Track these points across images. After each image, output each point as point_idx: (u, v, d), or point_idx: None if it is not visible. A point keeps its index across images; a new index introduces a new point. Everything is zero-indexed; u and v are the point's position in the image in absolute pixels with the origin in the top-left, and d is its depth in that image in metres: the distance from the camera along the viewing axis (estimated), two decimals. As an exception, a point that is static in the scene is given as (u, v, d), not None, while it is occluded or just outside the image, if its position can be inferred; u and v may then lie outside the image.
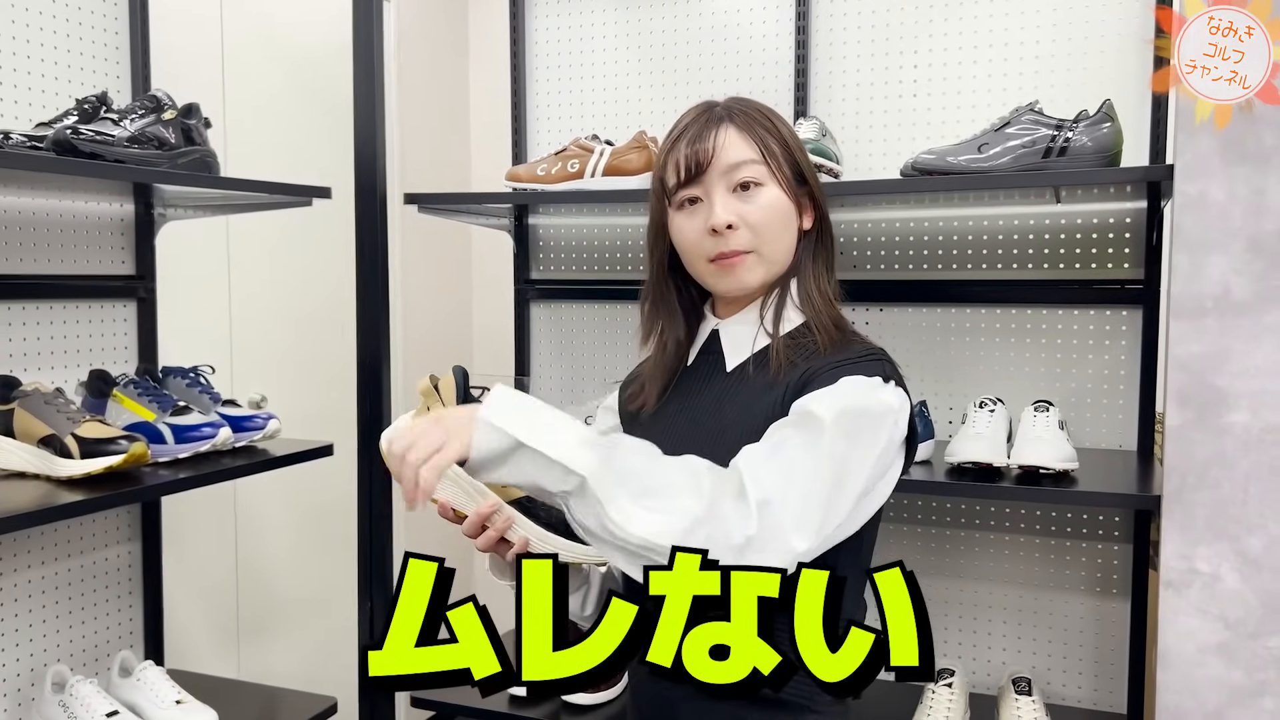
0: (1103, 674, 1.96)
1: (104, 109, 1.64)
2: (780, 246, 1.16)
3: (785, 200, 1.15)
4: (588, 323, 2.35)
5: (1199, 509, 1.44)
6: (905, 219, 2.06)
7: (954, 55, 2.01)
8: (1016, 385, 1.97)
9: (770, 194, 1.14)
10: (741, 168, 1.13)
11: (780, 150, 1.15)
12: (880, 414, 1.06)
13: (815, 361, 1.11)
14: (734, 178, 1.13)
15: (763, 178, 1.14)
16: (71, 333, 1.85)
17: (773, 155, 1.14)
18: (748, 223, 1.13)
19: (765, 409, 1.10)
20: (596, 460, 0.97)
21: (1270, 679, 1.42)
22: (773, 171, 1.14)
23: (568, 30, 2.32)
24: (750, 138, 1.14)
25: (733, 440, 1.08)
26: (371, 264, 1.81)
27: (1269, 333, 1.39)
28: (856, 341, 1.15)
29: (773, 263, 1.15)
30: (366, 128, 1.78)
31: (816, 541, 1.00)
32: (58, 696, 1.70)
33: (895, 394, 1.09)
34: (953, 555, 2.05)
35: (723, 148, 1.14)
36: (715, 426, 1.15)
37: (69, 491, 1.48)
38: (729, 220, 1.12)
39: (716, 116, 1.16)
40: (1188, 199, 1.42)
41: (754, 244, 1.14)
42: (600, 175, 1.92)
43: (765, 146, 1.14)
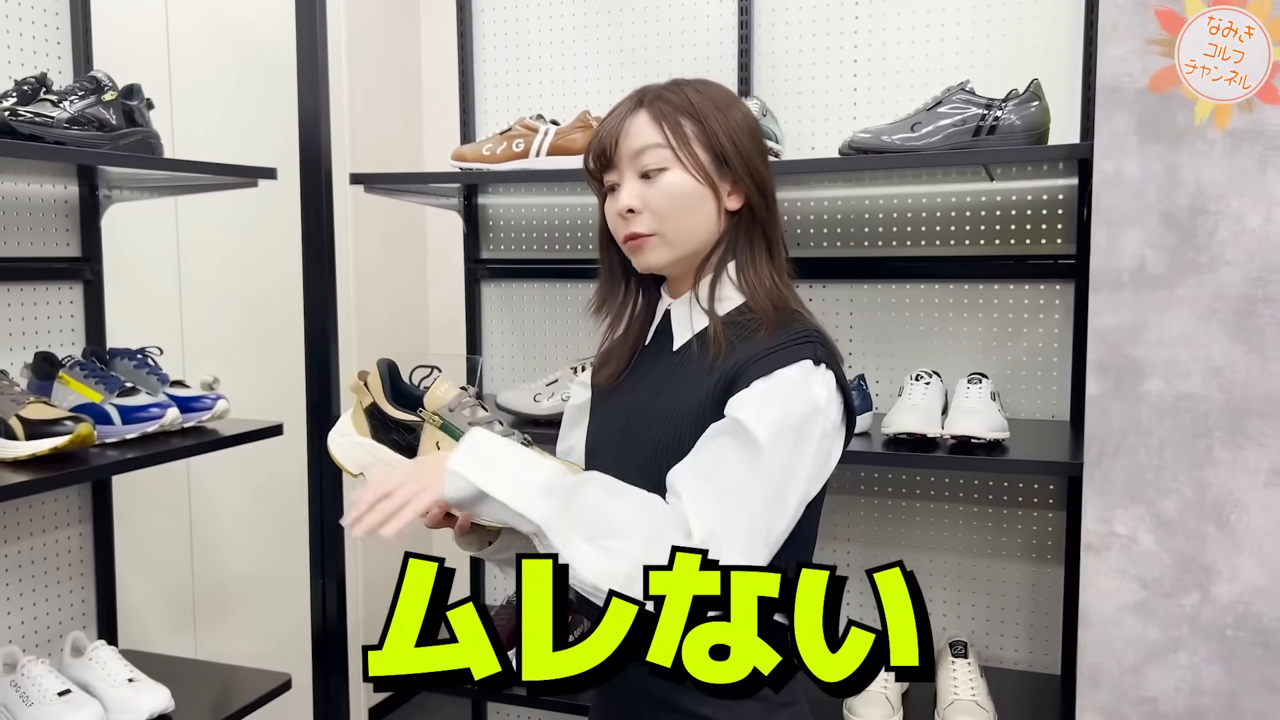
0: (1037, 636, 2.03)
1: (43, 90, 1.64)
2: (686, 229, 1.17)
3: (691, 183, 1.16)
4: (538, 301, 2.37)
5: (1117, 474, 1.49)
6: (845, 196, 2.10)
7: (892, 35, 2.05)
8: (953, 358, 2.03)
9: (672, 178, 1.15)
10: (645, 153, 1.15)
11: (696, 134, 1.16)
12: (811, 413, 1.09)
13: (749, 347, 1.13)
14: (639, 163, 1.16)
15: (666, 162, 1.15)
16: (16, 315, 1.85)
17: (682, 140, 1.15)
18: (649, 207, 1.16)
19: (701, 395, 1.13)
20: (553, 509, 1.04)
21: (1184, 635, 1.48)
22: (678, 156, 1.15)
23: (514, 10, 2.34)
24: (660, 123, 1.16)
25: (670, 422, 1.14)
26: (318, 244, 1.82)
27: (1181, 304, 1.44)
28: (795, 322, 1.16)
29: (678, 244, 1.17)
30: (310, 105, 1.79)
31: (764, 558, 1.06)
32: (9, 677, 1.71)
33: (824, 380, 1.11)
34: (892, 524, 2.10)
35: (628, 134, 1.16)
36: (656, 406, 1.18)
37: (15, 473, 1.49)
38: (629, 204, 1.16)
39: (634, 103, 1.19)
40: (1105, 176, 1.47)
41: (656, 227, 1.16)
42: (545, 155, 1.94)
43: (675, 131, 1.15)
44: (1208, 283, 1.43)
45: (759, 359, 1.11)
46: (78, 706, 1.66)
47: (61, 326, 1.93)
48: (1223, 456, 1.44)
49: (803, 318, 1.17)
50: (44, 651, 1.89)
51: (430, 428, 1.18)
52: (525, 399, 2.03)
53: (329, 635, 1.86)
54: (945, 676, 1.85)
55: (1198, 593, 1.47)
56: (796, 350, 1.11)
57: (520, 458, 1.09)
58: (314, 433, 1.85)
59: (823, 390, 1.10)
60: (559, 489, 1.05)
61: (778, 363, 1.10)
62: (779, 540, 1.08)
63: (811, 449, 1.09)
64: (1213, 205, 1.42)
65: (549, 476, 1.07)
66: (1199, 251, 1.44)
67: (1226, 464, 1.44)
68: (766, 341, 1.13)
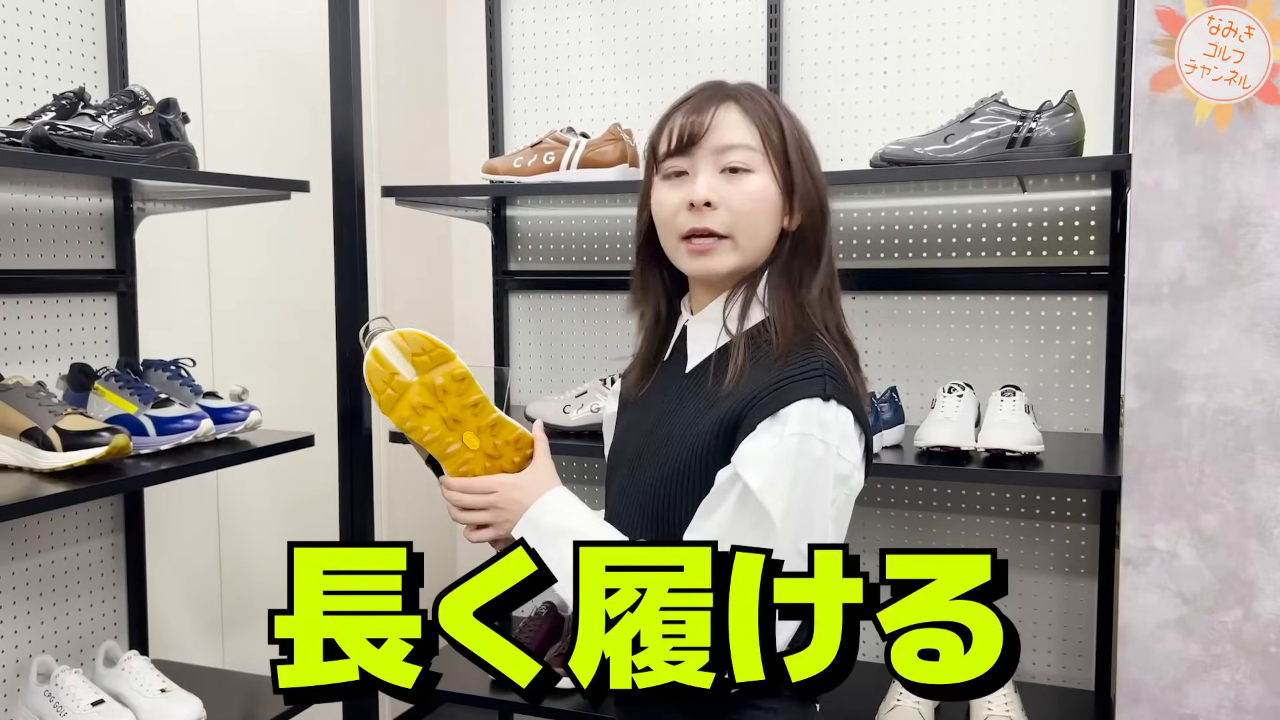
0: (1070, 652, 2.01)
1: (81, 105, 1.66)
2: (759, 238, 1.11)
3: (774, 191, 1.10)
4: (565, 313, 2.37)
5: (1157, 489, 1.48)
6: (876, 208, 2.09)
7: (923, 47, 2.05)
8: (985, 370, 2.01)
9: (759, 181, 1.10)
10: (735, 150, 1.09)
11: (780, 142, 1.11)
12: (820, 463, 1.03)
13: (756, 378, 1.08)
14: (725, 159, 1.10)
15: (755, 164, 1.10)
16: (52, 327, 1.86)
17: (771, 145, 1.10)
18: (729, 204, 1.09)
19: (706, 429, 1.09)
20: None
21: (1226, 652, 1.46)
22: (767, 160, 1.10)
23: (543, 23, 2.35)
24: (752, 122, 1.10)
25: (674, 452, 1.11)
26: (350, 256, 1.83)
27: (1222, 317, 1.43)
28: (811, 349, 1.09)
29: (746, 252, 1.11)
30: (344, 120, 1.80)
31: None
32: (43, 687, 1.72)
33: (836, 416, 1.05)
34: (924, 537, 2.09)
35: (720, 125, 1.10)
36: (663, 433, 1.15)
37: (51, 484, 1.50)
38: (709, 197, 1.08)
39: (723, 93, 1.13)
40: (1144, 187, 1.46)
41: (731, 228, 1.10)
42: (575, 167, 1.95)
43: (765, 134, 1.10)
44: (1249, 295, 1.42)
45: (765, 395, 1.05)
46: (111, 717, 1.66)
47: (96, 338, 1.94)
48: (1265, 470, 1.43)
49: (822, 345, 1.10)
50: (77, 661, 1.90)
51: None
52: (554, 410, 2.02)
53: (359, 647, 1.86)
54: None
55: (1240, 609, 1.45)
56: (805, 385, 1.05)
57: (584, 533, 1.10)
58: (344, 444, 1.85)
59: (834, 429, 1.04)
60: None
61: (784, 399, 1.04)
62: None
63: (828, 500, 1.04)
64: (1254, 217, 1.41)
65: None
66: (1240, 263, 1.42)
67: (1270, 478, 1.42)
68: (775, 373, 1.07)
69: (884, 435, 1.82)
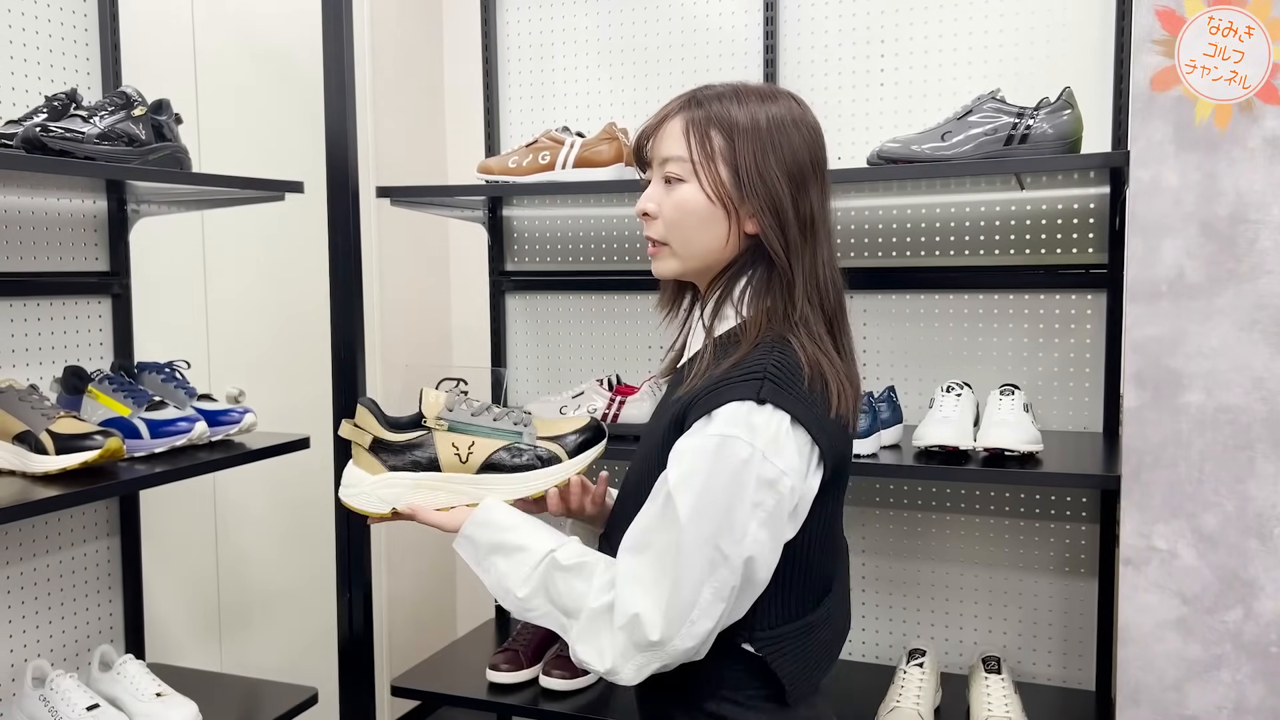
0: (1071, 652, 2.00)
1: (73, 106, 1.65)
2: (692, 244, 1.15)
3: (702, 201, 1.12)
4: (563, 313, 2.36)
5: (1156, 488, 1.47)
6: (874, 206, 2.08)
7: (920, 44, 2.04)
8: (983, 369, 2.01)
9: (686, 191, 1.13)
10: (670, 161, 1.15)
11: (723, 150, 1.11)
12: (742, 465, 1.03)
13: (706, 378, 1.10)
14: (664, 169, 1.16)
15: (685, 174, 1.13)
16: (46, 329, 1.86)
17: (706, 155, 1.11)
18: (662, 214, 1.16)
19: (662, 428, 1.14)
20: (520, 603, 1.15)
21: (1226, 652, 1.45)
22: (697, 171, 1.12)
23: (539, 22, 2.34)
24: (688, 135, 1.13)
25: (641, 454, 1.19)
26: (345, 257, 1.82)
27: (1221, 314, 1.42)
28: (757, 353, 1.09)
29: (686, 258, 1.16)
30: (337, 121, 1.79)
31: (691, 632, 1.05)
32: (38, 691, 1.71)
33: (769, 420, 1.04)
34: (923, 537, 2.08)
35: (662, 137, 1.16)
36: (646, 431, 1.23)
37: (45, 487, 1.49)
38: (643, 207, 1.18)
39: (680, 104, 1.16)
40: (1142, 185, 1.45)
41: (664, 235, 1.17)
42: (571, 167, 1.94)
43: (701, 145, 1.12)
44: (1248, 292, 1.41)
45: (704, 394, 1.08)
46: (106, 721, 1.66)
47: (90, 340, 1.94)
48: (1265, 469, 1.41)
49: (787, 347, 1.10)
50: (72, 666, 1.90)
51: (440, 434, 1.22)
52: (551, 411, 2.01)
53: (355, 648, 1.85)
54: (979, 692, 1.82)
55: (1240, 609, 1.44)
56: (739, 387, 1.05)
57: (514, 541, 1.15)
58: (340, 445, 1.84)
59: (762, 433, 1.04)
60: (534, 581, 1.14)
61: (719, 399, 1.06)
62: (728, 597, 1.05)
63: (749, 503, 1.03)
64: (1253, 214, 1.40)
65: (529, 569, 1.14)
66: (1239, 261, 1.41)
67: (1269, 477, 1.41)
68: (719, 373, 1.09)
69: (882, 435, 1.81)
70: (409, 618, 2.64)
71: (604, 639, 1.08)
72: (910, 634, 2.10)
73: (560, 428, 1.24)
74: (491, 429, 1.22)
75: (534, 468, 1.21)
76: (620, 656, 1.07)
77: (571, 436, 1.23)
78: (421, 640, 2.60)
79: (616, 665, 1.07)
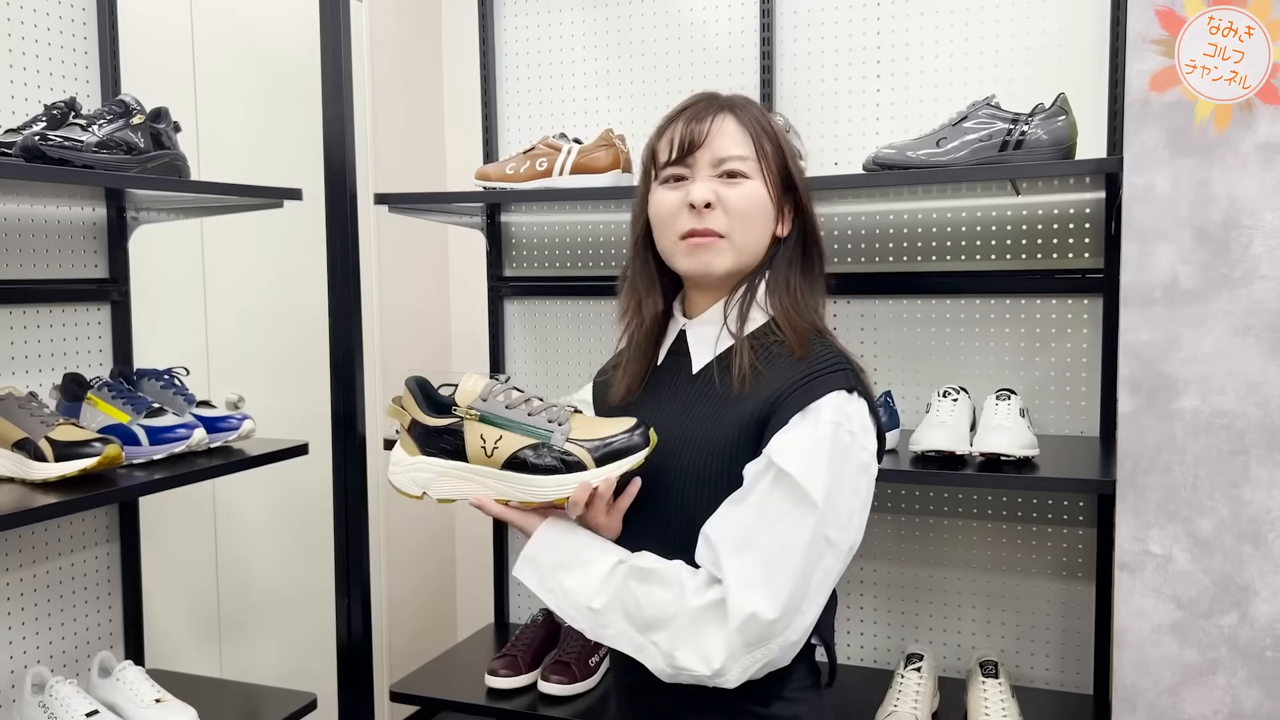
0: (1068, 655, 2.00)
1: (72, 115, 1.65)
2: (752, 238, 1.18)
3: (766, 196, 1.18)
4: (561, 318, 2.37)
5: (1151, 492, 1.47)
6: (870, 212, 2.09)
7: (915, 51, 2.04)
8: (980, 374, 2.01)
9: (753, 186, 1.17)
10: (731, 159, 1.16)
11: (773, 152, 1.18)
12: (852, 451, 1.09)
13: (779, 374, 1.12)
14: (722, 166, 1.17)
15: (750, 171, 1.17)
16: (45, 336, 1.86)
17: (764, 155, 1.17)
18: (726, 205, 1.16)
19: (735, 425, 1.13)
20: (594, 617, 1.12)
21: (1222, 657, 1.46)
22: (761, 169, 1.17)
23: (536, 29, 2.34)
24: (747, 132, 1.17)
25: (704, 452, 1.14)
26: (343, 264, 1.82)
27: (1215, 319, 1.42)
28: (820, 346, 1.15)
29: (742, 252, 1.18)
30: (336, 128, 1.80)
31: (804, 610, 1.07)
32: (37, 698, 1.71)
33: (859, 409, 1.12)
34: (920, 542, 2.08)
35: (718, 134, 1.17)
36: (683, 434, 1.17)
37: (44, 494, 1.49)
38: (708, 198, 1.15)
39: (720, 104, 1.19)
40: (1136, 190, 1.46)
41: (728, 228, 1.16)
42: (568, 173, 1.95)
43: (759, 144, 1.17)
44: (1241, 297, 1.42)
45: (794, 390, 1.10)
46: (105, 728, 1.66)
47: (89, 347, 1.94)
48: (1260, 474, 1.42)
49: (828, 344, 1.17)
50: (72, 672, 1.90)
51: (470, 423, 1.17)
52: (549, 417, 2.02)
53: (354, 654, 1.85)
54: (976, 696, 1.83)
55: (1236, 613, 1.44)
56: (831, 379, 1.11)
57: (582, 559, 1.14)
58: (339, 451, 1.84)
59: (856, 420, 1.11)
60: (594, 610, 1.12)
61: (813, 393, 1.10)
62: (830, 585, 1.10)
63: (863, 490, 1.11)
64: (1246, 219, 1.40)
65: (594, 588, 1.12)
66: (1232, 266, 1.42)
67: (1264, 481, 1.42)
68: (798, 369, 1.12)
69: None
70: (408, 623, 2.64)
71: (709, 640, 1.06)
72: (908, 638, 2.10)
73: (601, 430, 1.16)
74: (521, 424, 1.16)
75: (557, 471, 1.14)
76: (730, 657, 1.06)
77: (601, 443, 1.15)
78: (420, 646, 2.61)
79: (726, 665, 1.06)
